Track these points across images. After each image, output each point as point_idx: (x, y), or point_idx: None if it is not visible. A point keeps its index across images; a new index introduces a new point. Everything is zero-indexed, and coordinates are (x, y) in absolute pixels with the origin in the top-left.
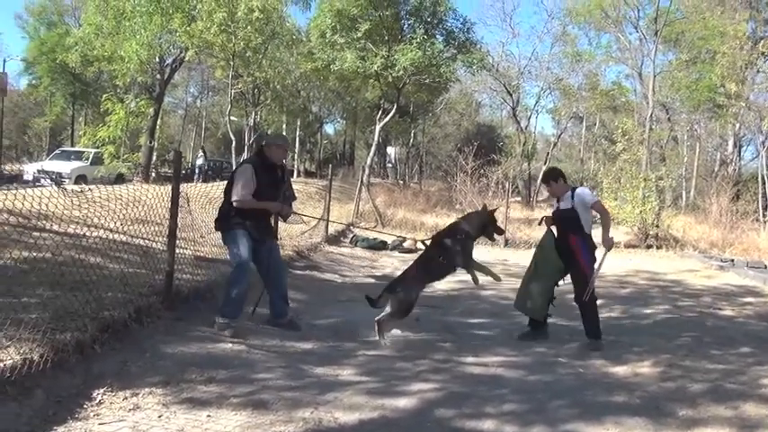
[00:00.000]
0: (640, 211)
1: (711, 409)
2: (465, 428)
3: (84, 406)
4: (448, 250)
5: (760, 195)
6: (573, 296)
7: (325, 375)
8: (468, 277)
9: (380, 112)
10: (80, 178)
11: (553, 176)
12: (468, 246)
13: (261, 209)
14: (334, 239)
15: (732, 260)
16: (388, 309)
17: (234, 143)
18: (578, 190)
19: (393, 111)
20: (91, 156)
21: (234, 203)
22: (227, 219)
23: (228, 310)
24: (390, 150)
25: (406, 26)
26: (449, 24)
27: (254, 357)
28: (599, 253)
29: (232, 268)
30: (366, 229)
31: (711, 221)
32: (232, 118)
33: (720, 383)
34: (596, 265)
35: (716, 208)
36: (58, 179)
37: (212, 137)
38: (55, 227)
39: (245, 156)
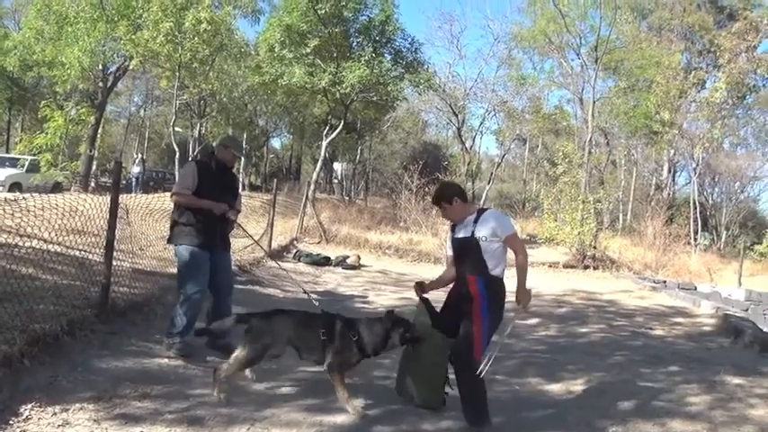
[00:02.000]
0: (578, 233)
1: (639, 426)
2: None
3: (11, 422)
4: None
5: (692, 220)
6: (511, 314)
7: (264, 392)
8: (413, 294)
9: (327, 128)
10: (14, 186)
11: (446, 196)
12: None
13: (207, 212)
14: (278, 254)
15: (665, 281)
16: None
17: (177, 154)
18: (486, 213)
19: (340, 127)
20: (26, 163)
21: (171, 199)
22: (174, 229)
23: (175, 329)
24: (337, 166)
25: (355, 44)
26: (397, 44)
27: (191, 373)
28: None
29: (184, 291)
30: (310, 244)
31: (646, 244)
32: (177, 129)
33: (649, 401)
34: (497, 338)
35: (650, 231)
36: None
37: (155, 147)
38: None
39: (176, 168)
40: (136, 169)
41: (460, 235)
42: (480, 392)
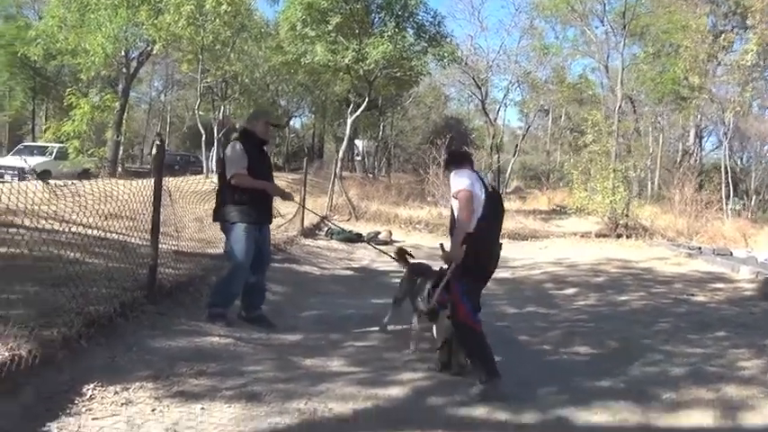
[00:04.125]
0: (610, 201)
1: (693, 392)
2: (458, 415)
3: (75, 402)
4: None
5: (723, 185)
6: (550, 285)
7: (315, 367)
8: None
9: (351, 106)
10: (44, 173)
11: (446, 167)
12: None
13: (260, 190)
14: (310, 232)
15: (699, 248)
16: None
17: (204, 137)
18: (452, 174)
19: (365, 104)
20: (55, 151)
21: (232, 182)
22: (227, 208)
23: (220, 300)
24: (359, 143)
25: (377, 19)
26: (419, 18)
27: (242, 350)
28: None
29: (230, 265)
30: (340, 222)
31: (677, 211)
32: (199, 112)
33: (700, 367)
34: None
35: (680, 197)
36: (21, 174)
37: (177, 131)
38: (26, 222)
39: (214, 150)
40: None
41: None
42: (477, 349)
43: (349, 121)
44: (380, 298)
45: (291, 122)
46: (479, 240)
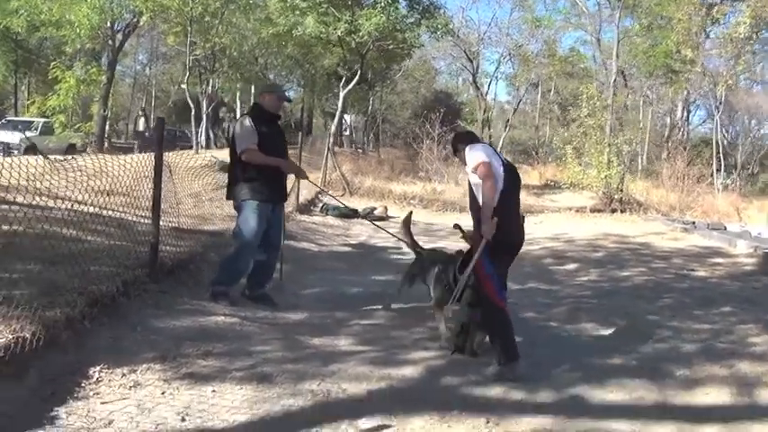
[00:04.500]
0: (605, 176)
1: (707, 369)
2: (473, 395)
3: (82, 385)
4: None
5: (714, 159)
6: (549, 260)
7: (324, 346)
8: (447, 244)
9: (344, 80)
10: (30, 149)
11: (455, 147)
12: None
13: (273, 167)
14: (305, 208)
15: (693, 222)
16: None
17: (193, 111)
18: (466, 149)
19: (357, 77)
20: (40, 125)
21: (242, 158)
22: (238, 185)
23: (225, 278)
24: (347, 118)
25: None
26: None
27: (248, 330)
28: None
29: (237, 243)
30: (335, 197)
31: (668, 185)
32: (184, 86)
33: (711, 343)
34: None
35: (670, 172)
36: (6, 149)
37: (162, 105)
38: (19, 198)
39: (203, 125)
40: (140, 126)
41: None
42: (500, 330)
43: (341, 94)
44: (381, 274)
45: None
46: (504, 214)
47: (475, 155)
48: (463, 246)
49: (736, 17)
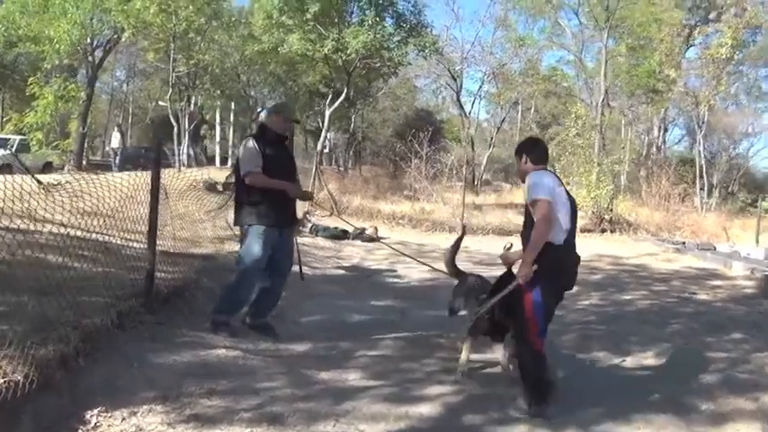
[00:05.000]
0: (595, 196)
1: (732, 402)
2: None
3: (79, 431)
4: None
5: (698, 178)
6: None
7: (333, 381)
8: (441, 266)
9: (330, 97)
10: (5, 167)
11: (518, 150)
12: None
13: (279, 191)
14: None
15: (684, 243)
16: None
17: (176, 128)
18: (532, 173)
19: (343, 95)
20: (16, 143)
21: (246, 181)
22: (243, 210)
23: (226, 307)
24: (328, 135)
25: (356, 8)
26: (399, 7)
27: (252, 364)
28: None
29: (239, 270)
30: (322, 217)
31: (652, 205)
32: (162, 103)
33: (730, 373)
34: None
35: (654, 191)
36: None
37: (140, 122)
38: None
39: (185, 143)
40: (114, 143)
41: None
42: (534, 372)
43: (327, 112)
44: (379, 300)
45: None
46: (566, 255)
47: (537, 187)
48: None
49: (717, 38)
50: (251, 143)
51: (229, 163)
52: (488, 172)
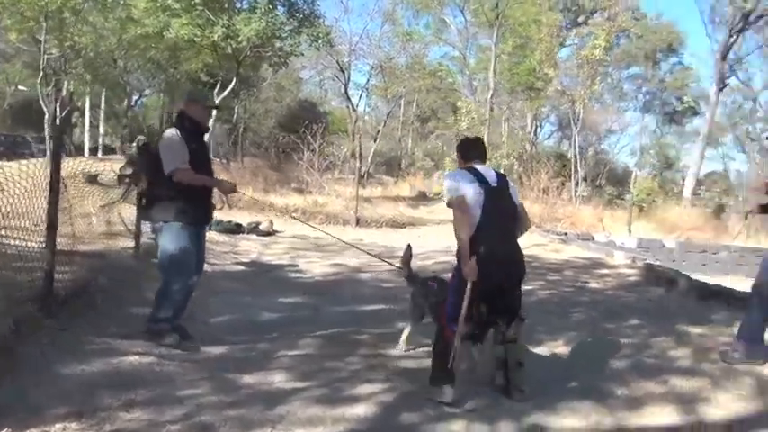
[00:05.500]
0: None
1: (643, 387)
2: None
3: None
4: None
5: (573, 172)
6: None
7: (259, 384)
8: (343, 260)
9: (218, 86)
10: None
11: (457, 150)
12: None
13: (201, 187)
14: None
15: (566, 233)
16: None
17: (47, 115)
18: (445, 177)
19: (232, 84)
20: None
21: (174, 179)
22: (161, 205)
23: (164, 313)
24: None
25: None
26: None
27: (169, 370)
28: None
29: (167, 271)
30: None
31: (532, 198)
32: (23, 88)
33: (638, 358)
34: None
35: (533, 184)
36: None
37: None
38: None
39: (46, 131)
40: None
41: None
42: (441, 357)
43: (216, 101)
44: (286, 296)
45: (139, 101)
46: (481, 246)
47: (445, 187)
48: None
49: (591, 40)
50: (176, 135)
51: (99, 153)
52: (373, 165)
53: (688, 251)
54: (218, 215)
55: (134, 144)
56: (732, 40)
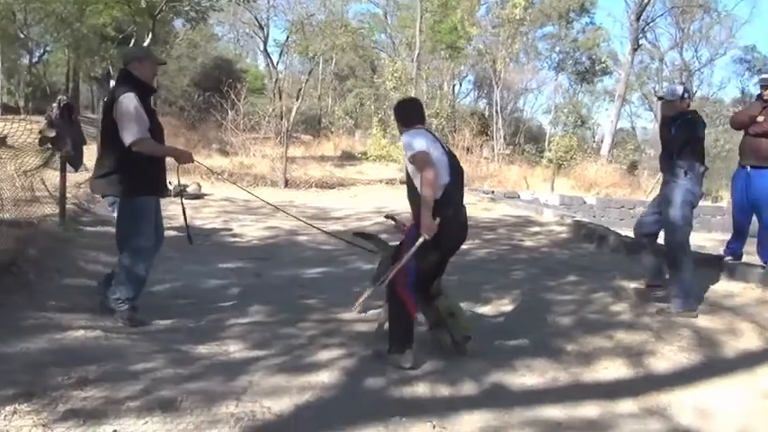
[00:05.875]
0: None
1: (591, 342)
2: (405, 397)
3: None
4: None
5: (494, 131)
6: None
7: (215, 355)
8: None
9: (134, 42)
10: None
11: (395, 115)
12: None
13: (160, 156)
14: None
15: (493, 192)
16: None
17: None
18: (403, 135)
19: (148, 39)
20: None
21: (133, 148)
22: (117, 177)
23: (130, 292)
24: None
25: None
26: None
27: (118, 343)
28: None
29: (130, 247)
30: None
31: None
32: None
33: (582, 315)
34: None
35: (458, 142)
36: None
37: None
38: None
39: None
40: None
41: None
42: (399, 323)
43: None
44: (227, 262)
45: (43, 58)
46: (448, 209)
47: (412, 141)
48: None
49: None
50: (134, 99)
51: None
52: (292, 125)
53: (607, 207)
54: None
55: (54, 104)
56: (645, 0)
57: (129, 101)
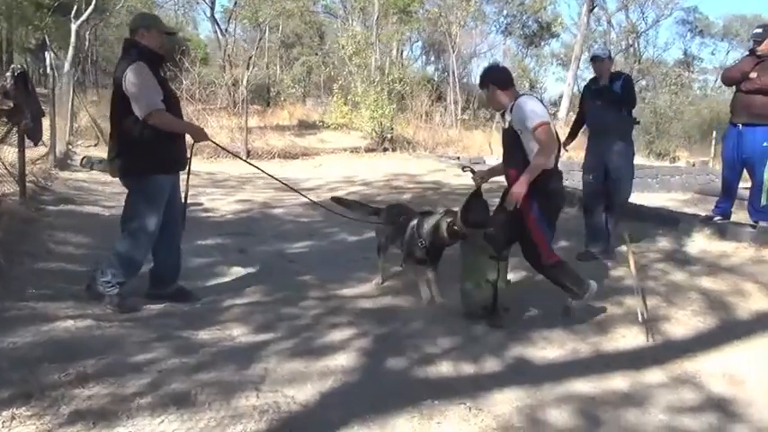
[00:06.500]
0: (380, 115)
1: (601, 309)
2: (430, 377)
3: None
4: None
5: (451, 96)
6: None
7: (220, 342)
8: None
9: (75, 10)
10: None
11: (482, 81)
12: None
13: (178, 132)
14: (63, 163)
15: (458, 158)
16: None
17: None
18: (519, 99)
19: (92, 7)
20: None
21: (148, 121)
22: (135, 155)
23: (124, 274)
24: (47, 56)
25: None
26: None
27: (112, 332)
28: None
29: (134, 229)
30: (87, 147)
31: (415, 123)
32: None
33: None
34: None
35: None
36: None
37: None
38: None
39: None
40: None
41: (505, 125)
42: (565, 276)
43: (73, 27)
44: (206, 239)
45: None
46: (559, 176)
47: (534, 111)
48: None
49: None
50: (145, 68)
51: None
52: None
53: (571, 170)
54: (94, 152)
55: (8, 74)
56: None
57: (139, 71)
